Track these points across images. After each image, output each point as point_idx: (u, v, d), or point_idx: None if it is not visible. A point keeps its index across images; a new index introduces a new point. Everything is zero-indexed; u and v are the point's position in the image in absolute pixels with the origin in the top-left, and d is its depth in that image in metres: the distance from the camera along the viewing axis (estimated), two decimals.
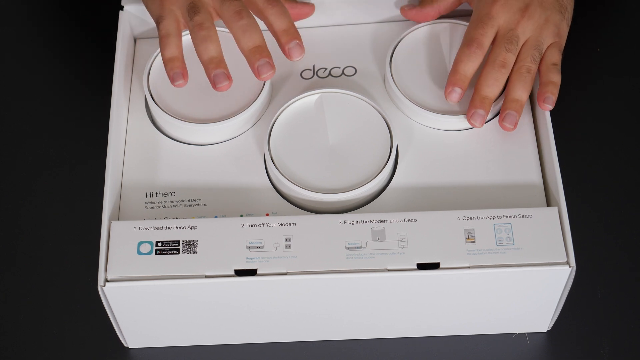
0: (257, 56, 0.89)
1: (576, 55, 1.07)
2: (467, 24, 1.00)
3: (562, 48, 0.97)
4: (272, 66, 0.90)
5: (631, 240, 1.00)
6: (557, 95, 0.95)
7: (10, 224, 1.02)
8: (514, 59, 0.95)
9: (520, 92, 0.94)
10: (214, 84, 0.90)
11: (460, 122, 0.96)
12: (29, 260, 1.00)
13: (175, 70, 0.92)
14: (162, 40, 0.92)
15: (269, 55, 0.90)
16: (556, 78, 0.95)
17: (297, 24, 1.03)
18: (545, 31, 0.96)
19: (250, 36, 0.89)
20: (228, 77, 0.90)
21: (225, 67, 0.90)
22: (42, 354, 0.95)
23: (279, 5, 0.91)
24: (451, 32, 1.01)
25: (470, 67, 0.94)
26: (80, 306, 0.97)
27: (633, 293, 0.97)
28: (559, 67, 0.96)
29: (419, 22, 1.02)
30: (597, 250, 0.99)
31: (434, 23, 1.01)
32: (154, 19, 0.94)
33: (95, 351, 0.95)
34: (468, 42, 0.95)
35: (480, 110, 0.94)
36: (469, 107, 0.95)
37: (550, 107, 0.94)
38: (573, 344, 0.95)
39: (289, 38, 0.91)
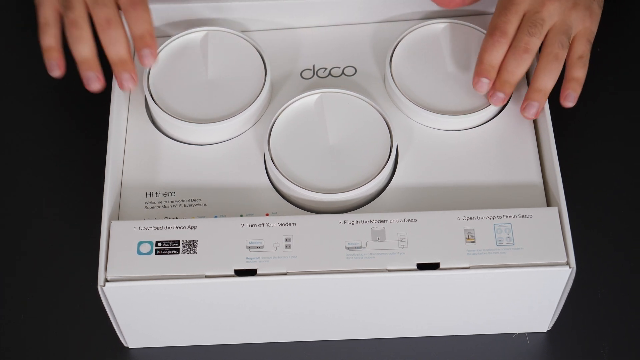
0: (118, 69, 0.91)
1: None
2: (468, 24, 1.00)
3: (593, 35, 0.95)
4: (134, 80, 0.91)
5: (631, 240, 1.00)
6: (579, 92, 0.93)
7: (9, 224, 1.02)
8: (539, 43, 0.92)
9: (545, 82, 0.93)
10: (86, 85, 0.91)
11: (460, 122, 0.96)
12: (29, 261, 1.00)
13: (52, 62, 0.91)
14: (40, 28, 0.91)
15: (132, 70, 0.91)
16: (580, 73, 0.93)
17: (300, 23, 1.03)
18: (574, 14, 0.93)
19: (115, 48, 0.90)
20: (99, 79, 0.91)
21: (98, 69, 0.91)
22: (42, 354, 0.95)
23: (140, 8, 0.91)
24: (451, 32, 1.01)
25: (495, 56, 0.93)
26: (80, 306, 0.97)
27: (633, 293, 0.97)
28: (586, 60, 0.94)
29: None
30: (597, 250, 0.99)
31: (433, 23, 1.01)
32: (35, 3, 0.92)
33: (95, 351, 0.95)
34: (491, 30, 0.93)
35: (499, 93, 0.93)
36: (491, 88, 0.94)
37: (571, 105, 0.93)
38: (573, 344, 0.95)
39: (142, 45, 0.92)
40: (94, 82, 0.91)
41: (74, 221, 1.01)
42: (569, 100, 0.93)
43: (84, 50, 0.90)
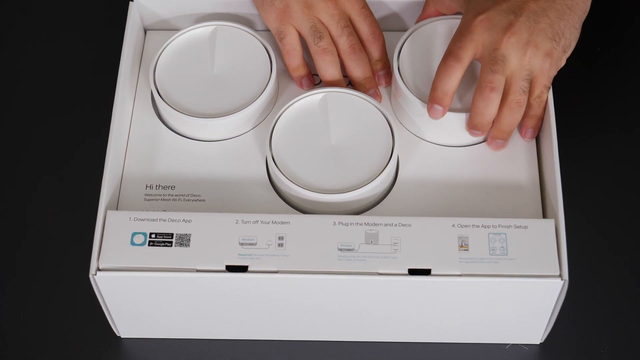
0: (367, 87, 1.00)
1: (576, 55, 1.05)
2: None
3: (551, 79, 0.94)
4: (379, 95, 1.00)
5: (630, 248, 0.99)
6: (538, 127, 0.96)
7: (10, 215, 1.03)
8: (504, 80, 0.91)
9: (509, 125, 0.93)
10: None
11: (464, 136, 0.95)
12: (28, 250, 1.00)
13: (303, 78, 1.01)
14: (289, 53, 0.99)
15: (375, 85, 1.00)
16: (538, 111, 0.95)
17: None
18: (534, 57, 0.92)
19: (362, 69, 0.99)
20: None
21: (344, 85, 1.00)
22: (35, 342, 0.96)
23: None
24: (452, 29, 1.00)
25: (448, 82, 0.92)
26: (74, 295, 0.97)
27: (632, 303, 0.97)
28: (543, 99, 0.94)
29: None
30: (593, 261, 0.98)
31: (442, 19, 1.00)
32: (272, 32, 1.00)
33: (87, 340, 0.95)
34: (445, 56, 0.93)
35: (476, 131, 0.94)
36: (469, 129, 0.95)
37: (530, 138, 0.96)
38: (566, 356, 0.94)
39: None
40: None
41: (75, 212, 1.02)
42: (528, 135, 0.96)
43: (334, 72, 0.99)
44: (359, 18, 0.99)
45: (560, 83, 0.95)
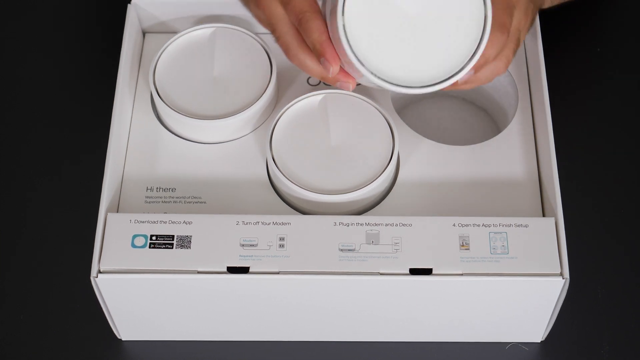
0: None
1: (576, 55, 1.05)
2: None
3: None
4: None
5: (630, 248, 0.99)
6: None
7: (11, 214, 1.03)
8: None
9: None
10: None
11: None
12: (27, 252, 1.00)
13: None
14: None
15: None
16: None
17: None
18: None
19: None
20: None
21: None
22: (35, 345, 0.96)
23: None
24: None
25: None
26: (74, 298, 0.97)
27: (632, 303, 0.97)
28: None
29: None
30: (594, 261, 0.98)
31: None
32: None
33: (88, 343, 0.95)
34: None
35: None
36: None
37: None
38: (567, 355, 0.94)
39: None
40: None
41: (75, 213, 1.02)
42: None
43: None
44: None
45: (560, 82, 0.95)
